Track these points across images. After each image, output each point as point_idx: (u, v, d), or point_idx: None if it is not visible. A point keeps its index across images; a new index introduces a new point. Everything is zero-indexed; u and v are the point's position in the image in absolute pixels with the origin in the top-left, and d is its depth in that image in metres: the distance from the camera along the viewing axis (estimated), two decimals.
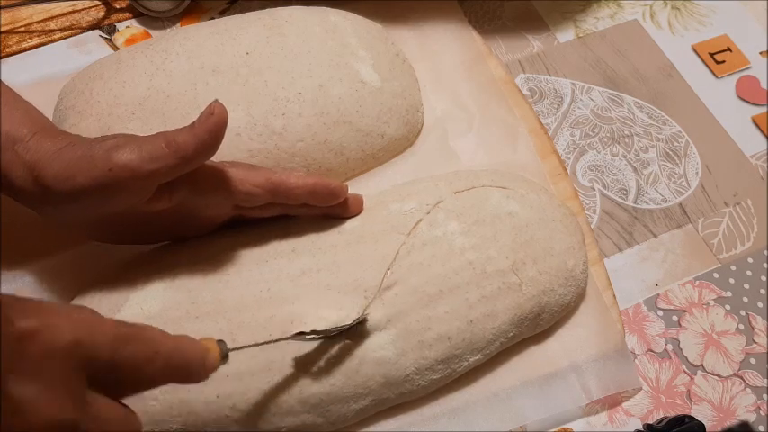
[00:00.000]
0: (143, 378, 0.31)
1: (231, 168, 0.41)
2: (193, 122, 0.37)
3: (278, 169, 0.43)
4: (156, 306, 0.41)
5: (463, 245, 0.44)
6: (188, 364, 0.32)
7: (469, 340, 0.42)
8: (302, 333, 0.38)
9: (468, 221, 0.45)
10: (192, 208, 0.41)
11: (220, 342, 0.34)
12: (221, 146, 0.47)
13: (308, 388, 0.40)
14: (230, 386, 0.39)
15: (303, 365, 0.40)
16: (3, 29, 0.59)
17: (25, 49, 0.59)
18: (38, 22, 0.60)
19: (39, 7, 0.60)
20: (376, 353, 0.41)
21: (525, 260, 0.44)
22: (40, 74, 0.57)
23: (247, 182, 0.41)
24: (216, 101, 0.37)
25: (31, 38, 0.59)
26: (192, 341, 0.32)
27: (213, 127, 0.37)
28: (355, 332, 0.40)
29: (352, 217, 0.45)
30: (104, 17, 0.61)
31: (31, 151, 0.37)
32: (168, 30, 0.61)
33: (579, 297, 0.48)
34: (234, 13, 0.57)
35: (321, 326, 0.39)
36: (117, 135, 0.38)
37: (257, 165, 0.48)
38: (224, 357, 0.34)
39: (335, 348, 0.40)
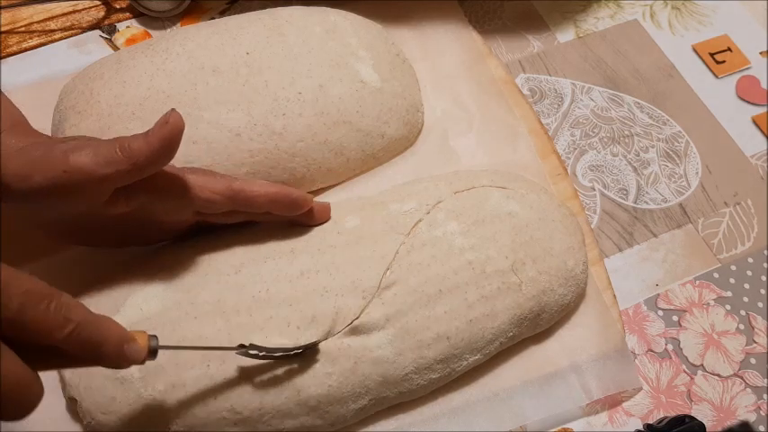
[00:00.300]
0: (52, 343, 0.30)
1: (191, 175, 0.41)
2: (149, 130, 0.37)
3: (241, 177, 0.43)
4: (155, 306, 0.41)
5: (463, 245, 0.43)
6: (101, 342, 0.31)
7: (469, 340, 0.42)
8: (244, 347, 0.38)
9: (468, 221, 0.45)
10: (152, 213, 0.41)
11: (152, 337, 0.34)
12: (221, 146, 0.47)
13: (306, 390, 0.40)
14: (228, 388, 0.39)
15: (300, 367, 0.40)
16: (3, 29, 0.59)
17: (25, 49, 0.59)
18: (38, 22, 0.60)
19: (39, 7, 0.60)
20: (373, 352, 0.41)
21: (525, 260, 0.44)
22: (40, 74, 0.57)
23: (207, 189, 0.41)
24: (173, 110, 0.37)
25: (31, 38, 0.59)
26: (116, 325, 0.32)
27: (167, 135, 0.36)
28: (304, 358, 0.40)
29: (319, 225, 0.45)
30: (104, 17, 0.61)
31: None
32: (168, 30, 0.61)
33: (579, 297, 0.48)
34: (234, 13, 0.57)
35: (266, 344, 0.39)
36: (78, 137, 0.38)
37: (258, 164, 0.48)
38: (152, 353, 0.34)
39: (332, 349, 0.40)
